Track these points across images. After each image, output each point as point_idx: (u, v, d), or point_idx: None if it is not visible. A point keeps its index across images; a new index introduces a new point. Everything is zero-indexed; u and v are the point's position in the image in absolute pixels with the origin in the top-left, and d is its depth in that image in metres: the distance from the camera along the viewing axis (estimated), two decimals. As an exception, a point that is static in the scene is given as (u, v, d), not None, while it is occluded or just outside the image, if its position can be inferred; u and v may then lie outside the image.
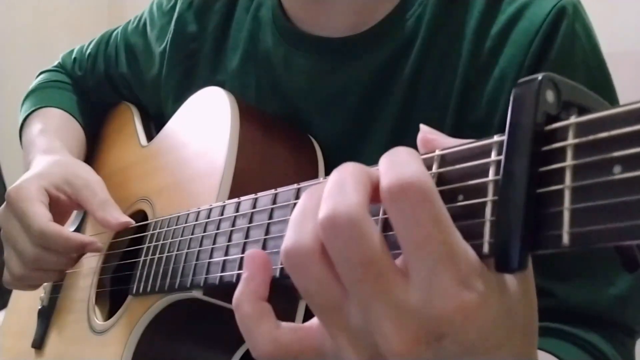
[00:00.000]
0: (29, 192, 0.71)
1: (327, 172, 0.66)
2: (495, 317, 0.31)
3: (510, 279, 0.32)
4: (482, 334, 0.30)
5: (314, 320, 0.36)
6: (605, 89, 0.62)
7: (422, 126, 0.37)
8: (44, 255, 0.69)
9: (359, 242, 0.30)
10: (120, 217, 0.70)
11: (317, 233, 0.32)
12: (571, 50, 0.60)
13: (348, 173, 0.32)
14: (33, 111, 0.94)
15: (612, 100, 0.62)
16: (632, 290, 0.60)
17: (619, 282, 0.59)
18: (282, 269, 0.42)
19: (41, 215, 0.69)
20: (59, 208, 0.74)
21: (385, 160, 0.32)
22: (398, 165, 0.31)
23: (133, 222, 0.71)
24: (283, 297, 0.38)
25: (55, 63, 1.04)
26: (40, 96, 0.97)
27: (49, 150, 0.83)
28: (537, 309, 0.57)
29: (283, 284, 0.39)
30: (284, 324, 0.36)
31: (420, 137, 0.36)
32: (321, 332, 0.35)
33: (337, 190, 0.31)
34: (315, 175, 0.66)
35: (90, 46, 0.99)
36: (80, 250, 0.70)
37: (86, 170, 0.78)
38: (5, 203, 0.73)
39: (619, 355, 0.59)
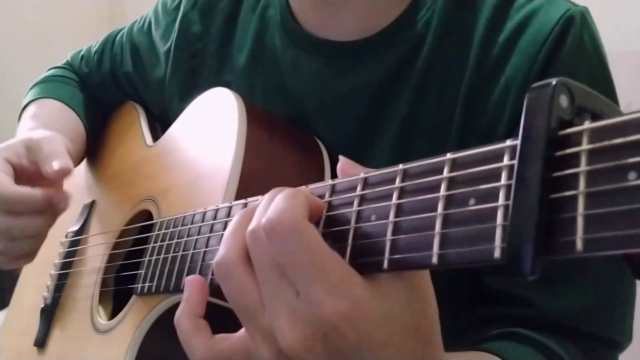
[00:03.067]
0: None
1: (333, 175, 0.66)
2: (374, 319, 0.36)
3: (391, 286, 0.37)
4: (361, 333, 0.36)
5: (242, 329, 0.42)
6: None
7: (342, 158, 0.43)
8: (14, 222, 0.69)
9: (270, 250, 0.38)
10: (55, 165, 0.69)
11: (243, 246, 0.40)
12: (577, 62, 0.60)
13: (270, 195, 0.40)
14: (32, 101, 0.94)
15: None
16: (611, 300, 0.60)
17: (599, 290, 0.59)
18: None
19: (2, 182, 0.68)
20: (26, 175, 0.73)
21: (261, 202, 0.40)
22: (270, 207, 0.38)
23: (71, 167, 0.70)
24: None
25: (64, 61, 1.05)
26: (43, 88, 0.97)
27: (30, 130, 0.82)
28: (514, 316, 0.58)
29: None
30: (218, 335, 0.43)
31: (339, 167, 0.43)
32: (247, 337, 0.41)
33: (259, 209, 0.40)
34: (321, 177, 0.66)
35: (98, 44, 1.00)
36: (47, 203, 0.69)
37: (45, 133, 0.76)
38: None
39: None
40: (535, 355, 0.56)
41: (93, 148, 0.95)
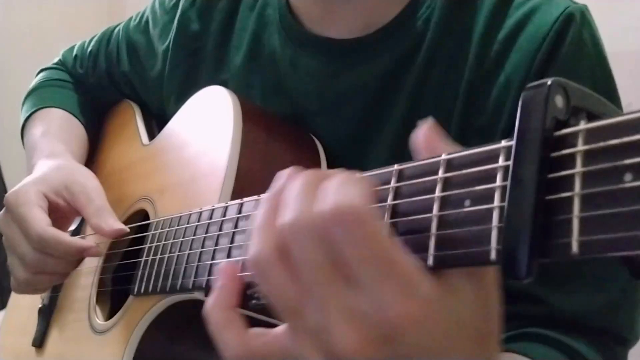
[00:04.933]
0: (27, 197, 0.70)
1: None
2: (442, 321, 0.33)
3: (460, 284, 0.34)
4: (428, 336, 0.33)
5: (280, 326, 0.39)
6: (610, 99, 0.61)
7: (430, 120, 0.37)
8: (44, 259, 0.69)
9: (319, 245, 0.33)
10: (114, 224, 0.69)
11: (277, 240, 0.35)
12: (578, 59, 0.60)
13: (305, 181, 0.35)
14: (34, 112, 0.93)
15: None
16: (623, 297, 0.60)
17: (609, 288, 0.59)
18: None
19: (40, 219, 0.68)
20: (59, 213, 0.73)
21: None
22: (330, 193, 0.33)
23: (127, 229, 0.70)
24: None
25: (56, 60, 1.03)
26: (41, 96, 0.96)
27: (52, 154, 0.82)
28: (527, 315, 0.58)
29: None
30: (252, 329, 0.40)
31: (420, 135, 0.37)
32: (285, 336, 0.37)
33: (295, 198, 0.35)
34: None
35: (92, 43, 0.98)
36: (80, 255, 0.69)
37: (85, 176, 0.77)
38: (4, 208, 0.72)
39: None
40: (558, 356, 0.56)
41: (89, 147, 0.95)
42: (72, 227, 0.87)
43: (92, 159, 0.94)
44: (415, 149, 0.37)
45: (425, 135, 0.37)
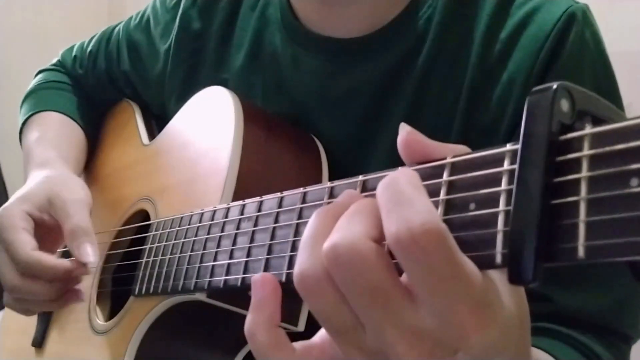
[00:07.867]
0: (12, 220, 0.69)
1: (331, 175, 0.66)
2: (501, 322, 0.32)
3: (498, 277, 0.33)
4: (492, 342, 0.32)
5: (324, 336, 0.38)
6: (612, 98, 0.62)
7: (403, 125, 0.36)
8: (24, 285, 0.68)
9: (362, 272, 0.31)
10: (81, 255, 0.66)
11: (321, 261, 0.33)
12: (580, 58, 0.60)
13: (360, 205, 0.33)
14: (32, 115, 0.93)
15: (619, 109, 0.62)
16: (627, 296, 0.60)
17: (616, 287, 0.59)
18: (287, 275, 0.42)
19: (24, 243, 0.67)
20: (46, 229, 0.71)
21: (386, 195, 0.31)
22: (403, 208, 0.30)
23: (95, 262, 0.67)
24: (287, 296, 0.38)
25: (55, 60, 1.02)
26: (39, 99, 0.95)
27: (43, 163, 0.81)
28: (535, 313, 0.58)
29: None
30: (297, 345, 0.37)
31: (402, 138, 0.36)
32: (335, 349, 0.36)
33: (345, 221, 0.33)
34: (319, 177, 0.66)
35: (91, 43, 0.98)
36: (68, 275, 0.68)
37: (70, 188, 0.74)
38: None
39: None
40: (569, 350, 0.57)
41: (89, 148, 0.95)
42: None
43: (91, 159, 0.93)
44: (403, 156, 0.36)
45: (404, 143, 0.36)
